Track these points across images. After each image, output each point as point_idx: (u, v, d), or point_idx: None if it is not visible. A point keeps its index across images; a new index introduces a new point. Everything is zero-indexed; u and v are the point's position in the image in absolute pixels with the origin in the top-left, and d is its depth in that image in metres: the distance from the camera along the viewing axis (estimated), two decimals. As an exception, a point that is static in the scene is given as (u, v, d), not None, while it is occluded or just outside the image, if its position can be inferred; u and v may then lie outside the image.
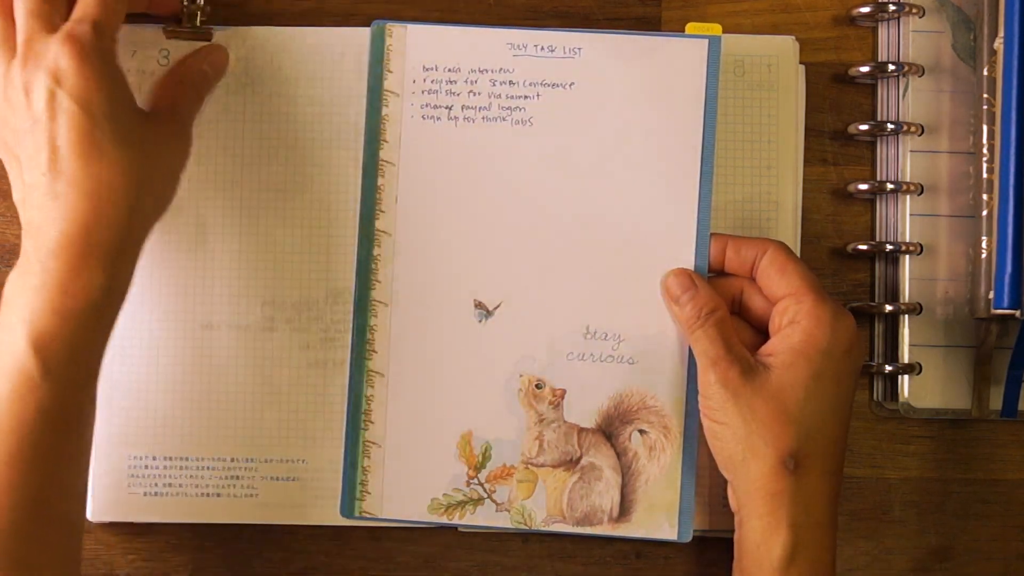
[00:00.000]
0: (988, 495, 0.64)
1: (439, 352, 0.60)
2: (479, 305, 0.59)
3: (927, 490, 0.64)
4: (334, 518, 0.61)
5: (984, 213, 0.60)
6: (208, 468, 0.61)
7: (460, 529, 0.62)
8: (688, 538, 0.59)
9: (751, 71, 0.62)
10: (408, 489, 0.60)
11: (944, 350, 0.62)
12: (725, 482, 0.57)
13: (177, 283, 0.61)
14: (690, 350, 0.58)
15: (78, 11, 0.53)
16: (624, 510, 0.59)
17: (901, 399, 0.62)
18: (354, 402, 0.60)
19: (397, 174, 0.60)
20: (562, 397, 0.59)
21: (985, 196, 0.60)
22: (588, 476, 0.59)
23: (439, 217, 0.60)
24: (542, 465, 0.59)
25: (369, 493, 0.60)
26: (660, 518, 0.59)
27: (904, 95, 0.63)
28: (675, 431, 0.59)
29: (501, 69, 0.59)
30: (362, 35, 0.61)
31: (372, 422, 0.60)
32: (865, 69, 0.63)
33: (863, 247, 0.63)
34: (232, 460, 0.61)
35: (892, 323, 0.63)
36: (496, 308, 0.59)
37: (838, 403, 0.56)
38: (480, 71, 0.59)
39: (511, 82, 0.59)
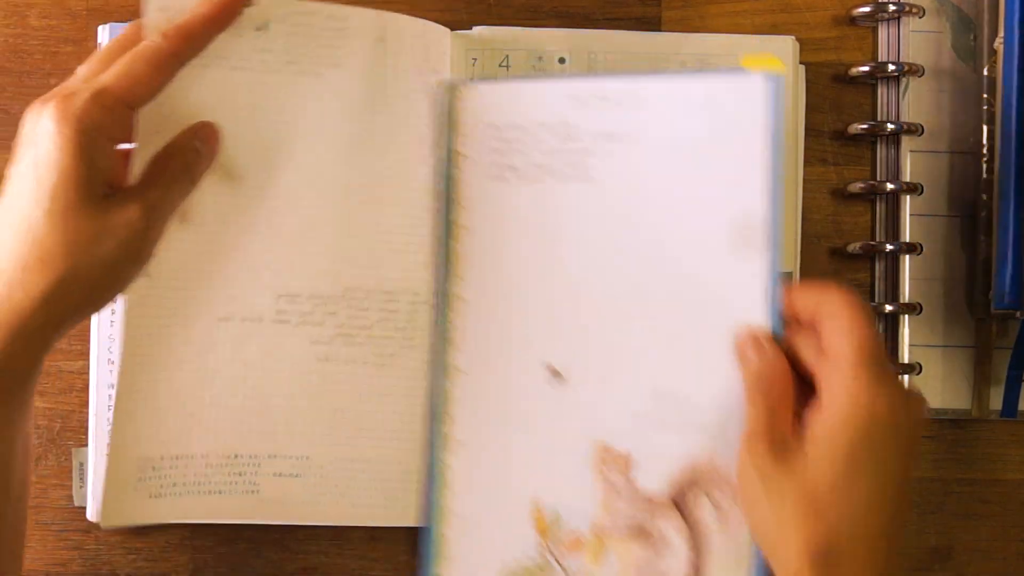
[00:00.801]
0: (988, 495, 0.64)
1: (512, 417, 0.58)
2: (550, 369, 0.58)
3: (927, 490, 0.64)
4: (336, 516, 0.61)
5: (983, 213, 0.60)
6: (212, 464, 0.60)
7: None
8: None
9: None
10: (480, 555, 0.58)
11: (944, 350, 0.62)
12: None
13: (188, 274, 0.59)
14: None
15: (99, 76, 0.50)
16: None
17: (901, 399, 0.62)
18: (436, 470, 0.59)
19: (471, 237, 0.59)
20: (633, 464, 0.57)
21: (984, 196, 0.60)
22: (658, 547, 0.57)
23: (510, 280, 0.58)
24: (612, 535, 0.57)
25: (444, 559, 0.59)
26: None
27: (904, 95, 0.63)
28: None
29: (564, 123, 0.58)
30: (398, 21, 0.59)
31: (450, 489, 0.59)
32: (865, 69, 0.63)
33: (863, 247, 0.63)
34: (235, 456, 0.61)
35: (892, 323, 0.63)
36: (567, 372, 0.58)
37: (882, 490, 0.48)
38: (543, 125, 0.58)
39: (574, 136, 0.58)
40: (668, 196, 0.57)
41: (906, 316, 0.62)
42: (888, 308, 0.62)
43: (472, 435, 0.59)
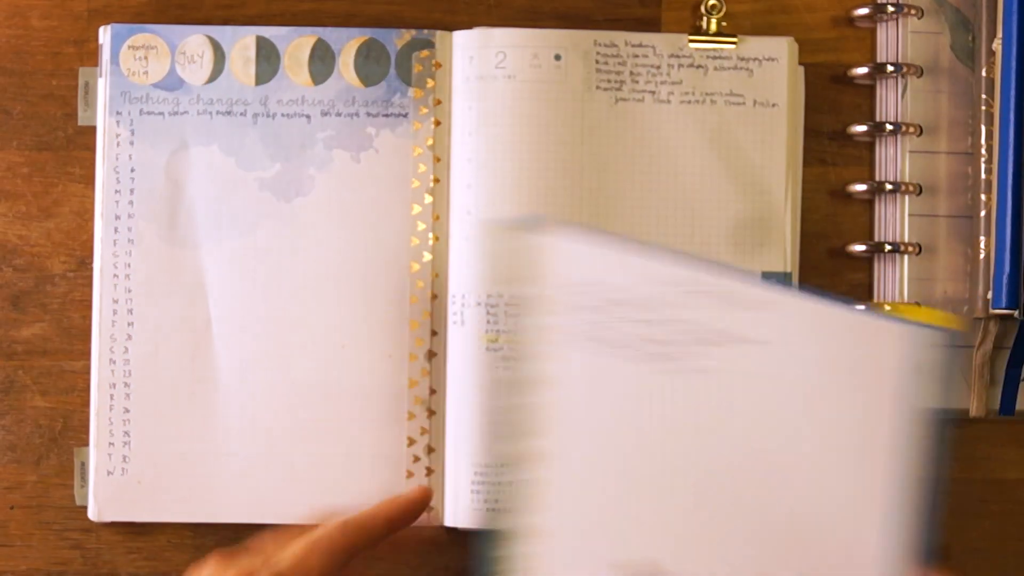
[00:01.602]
0: (987, 494, 0.64)
1: None
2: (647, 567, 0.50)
3: (926, 489, 0.64)
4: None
5: (982, 213, 0.60)
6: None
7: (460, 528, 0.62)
8: None
9: (750, 72, 0.62)
10: None
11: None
12: None
13: None
14: None
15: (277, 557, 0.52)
16: None
17: (900, 399, 0.62)
18: None
19: (555, 396, 0.49)
20: None
21: (983, 196, 0.60)
22: None
23: (601, 465, 0.50)
24: None
25: None
26: None
27: (903, 96, 0.63)
28: None
29: (677, 307, 0.49)
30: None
31: None
32: (864, 70, 0.63)
33: (862, 247, 0.63)
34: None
35: (891, 323, 0.63)
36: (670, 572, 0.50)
37: None
38: (650, 305, 0.49)
39: (688, 328, 0.49)
40: (791, 418, 0.49)
41: (905, 316, 0.62)
42: (887, 308, 0.62)
43: None
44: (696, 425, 0.50)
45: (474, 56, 0.62)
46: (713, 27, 0.63)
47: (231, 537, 0.63)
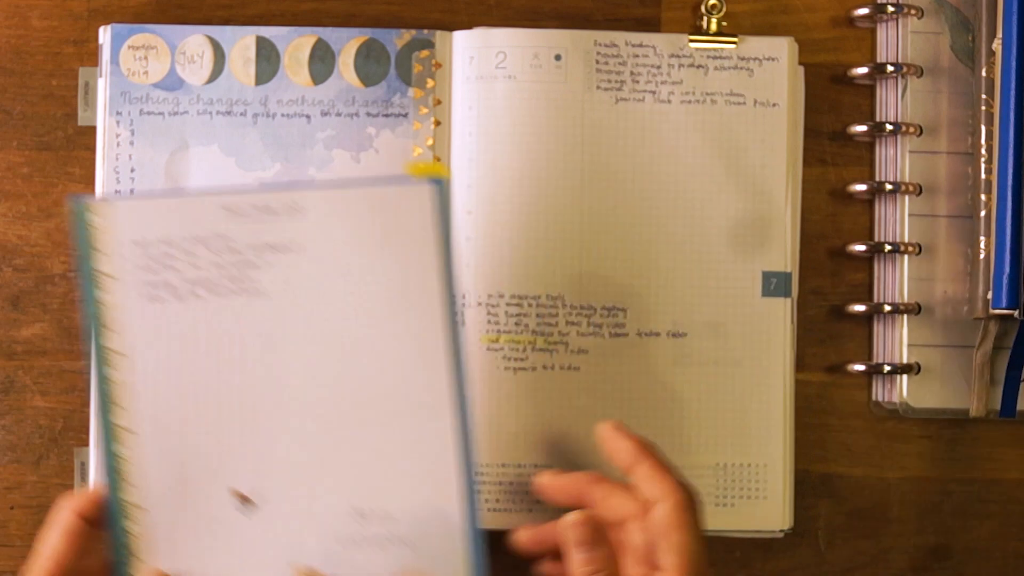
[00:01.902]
0: (986, 495, 0.64)
1: (204, 552, 0.54)
2: (238, 496, 0.54)
3: (925, 489, 0.64)
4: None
5: (982, 214, 0.61)
6: None
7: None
8: None
9: (750, 71, 0.62)
10: None
11: (943, 350, 0.63)
12: None
13: None
14: (472, 530, 0.54)
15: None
16: None
17: (900, 399, 0.62)
18: None
19: (130, 364, 0.53)
20: None
21: (983, 197, 0.60)
22: None
23: (183, 405, 0.54)
24: None
25: None
26: None
27: (903, 96, 0.63)
28: None
29: (219, 235, 0.54)
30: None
31: None
32: (864, 70, 0.63)
33: (862, 247, 0.63)
34: None
35: (891, 323, 0.63)
36: (260, 498, 0.54)
37: None
38: (197, 240, 0.54)
39: (232, 250, 0.53)
40: (343, 308, 0.54)
41: (905, 316, 0.62)
42: (887, 308, 0.62)
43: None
44: (265, 346, 0.54)
45: (474, 56, 0.62)
46: (713, 27, 0.63)
47: (231, 537, 0.63)
